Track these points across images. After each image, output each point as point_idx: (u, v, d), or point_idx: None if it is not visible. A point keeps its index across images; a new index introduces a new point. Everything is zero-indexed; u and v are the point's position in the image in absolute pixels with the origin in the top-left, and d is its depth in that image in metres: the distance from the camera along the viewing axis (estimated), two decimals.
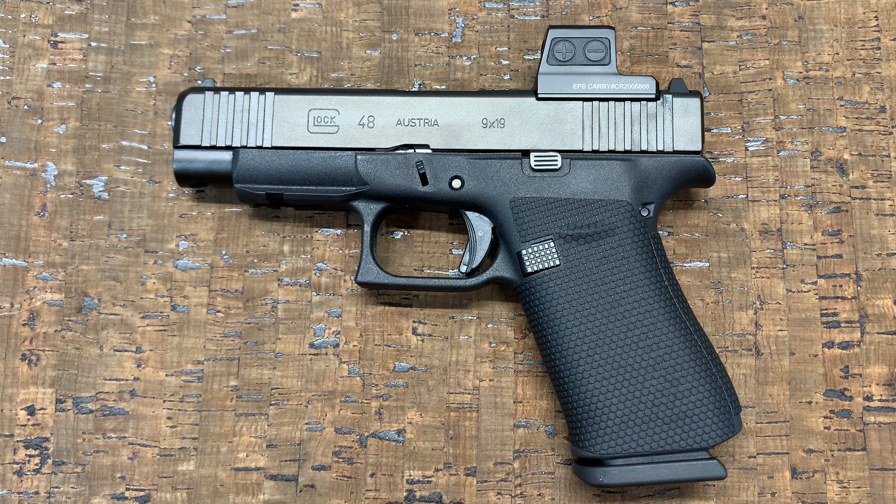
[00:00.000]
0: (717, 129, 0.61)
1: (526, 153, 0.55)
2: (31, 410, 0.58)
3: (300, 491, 0.57)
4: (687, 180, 0.55)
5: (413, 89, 0.62)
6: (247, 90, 0.57)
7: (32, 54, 0.62)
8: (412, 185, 0.55)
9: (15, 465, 0.58)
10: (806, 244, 0.59)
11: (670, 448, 0.51)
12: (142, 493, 0.57)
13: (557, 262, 0.53)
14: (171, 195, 0.61)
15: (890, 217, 0.60)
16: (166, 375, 0.59)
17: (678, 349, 0.52)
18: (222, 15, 0.63)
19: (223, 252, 0.60)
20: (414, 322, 0.59)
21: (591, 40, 0.56)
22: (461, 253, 0.60)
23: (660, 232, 0.59)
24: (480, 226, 0.56)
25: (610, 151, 0.55)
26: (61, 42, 0.63)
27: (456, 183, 0.55)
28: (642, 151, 0.55)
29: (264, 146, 0.56)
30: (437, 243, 0.60)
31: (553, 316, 0.53)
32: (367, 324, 0.59)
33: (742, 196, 0.60)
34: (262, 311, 0.59)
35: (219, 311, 0.59)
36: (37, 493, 0.57)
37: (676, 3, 0.63)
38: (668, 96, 0.55)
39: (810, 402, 0.58)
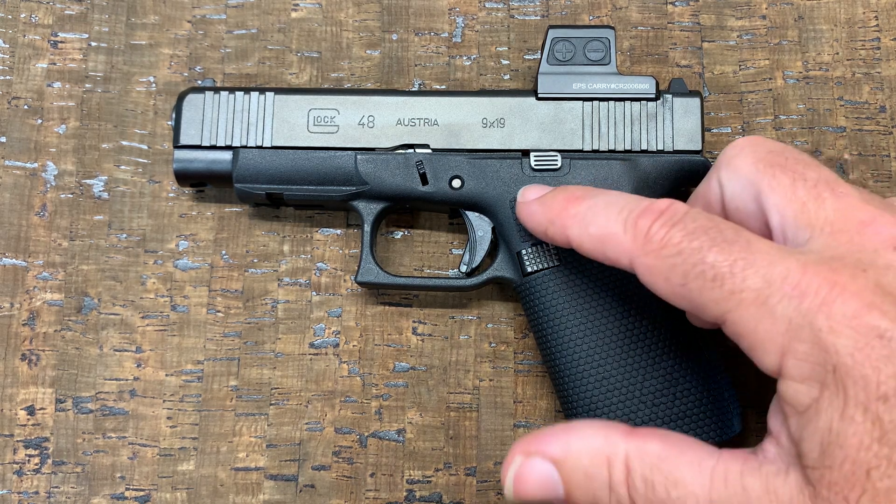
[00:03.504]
0: (718, 128, 0.61)
1: (526, 153, 0.55)
2: (31, 410, 0.58)
3: (300, 491, 0.57)
4: (687, 180, 0.55)
5: (413, 89, 0.62)
6: (247, 90, 0.57)
7: (32, 54, 0.62)
8: (412, 184, 0.55)
9: (15, 465, 0.58)
10: None
11: None
12: (142, 493, 0.57)
13: (557, 262, 0.53)
14: (171, 195, 0.61)
15: None
16: (166, 375, 0.59)
17: (678, 349, 0.52)
18: (222, 15, 0.63)
19: (223, 252, 0.60)
20: (414, 322, 0.59)
21: (591, 40, 0.56)
22: (461, 253, 0.60)
23: None
24: (480, 225, 0.56)
25: (610, 151, 0.55)
26: (61, 42, 0.63)
27: (456, 183, 0.55)
28: (642, 151, 0.55)
29: (264, 146, 0.56)
30: (437, 243, 0.60)
31: (553, 316, 0.53)
32: (367, 324, 0.59)
33: None
34: (262, 311, 0.59)
35: (219, 311, 0.59)
36: (37, 493, 0.57)
37: (676, 3, 0.63)
38: (668, 96, 0.55)
39: None
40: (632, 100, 0.55)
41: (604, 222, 0.44)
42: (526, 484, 0.43)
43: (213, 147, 0.56)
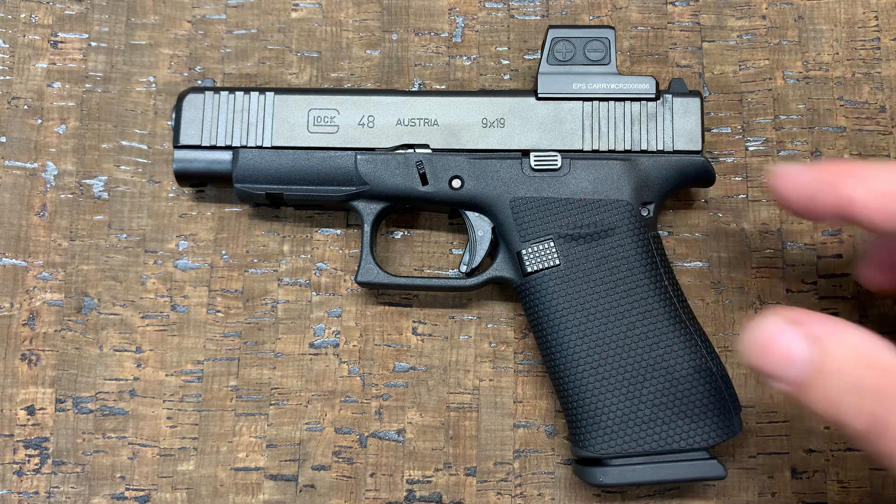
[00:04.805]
0: (717, 128, 0.61)
1: (526, 153, 0.55)
2: (30, 410, 0.58)
3: (300, 491, 0.57)
4: (687, 180, 0.55)
5: (413, 89, 0.62)
6: (247, 90, 0.57)
7: (32, 54, 0.62)
8: (412, 185, 0.55)
9: (15, 465, 0.58)
10: (806, 244, 0.59)
11: (670, 448, 0.51)
12: (142, 493, 0.57)
13: (557, 262, 0.53)
14: (171, 195, 0.61)
15: None
16: (166, 375, 0.59)
17: (678, 349, 0.52)
18: (222, 15, 0.63)
19: (223, 252, 0.60)
20: (414, 322, 0.59)
21: (591, 40, 0.56)
22: (461, 253, 0.60)
23: (660, 232, 0.59)
24: (480, 226, 0.56)
25: (610, 151, 0.55)
26: (61, 42, 0.63)
27: (456, 183, 0.55)
28: (642, 151, 0.55)
29: (264, 146, 0.56)
30: (437, 243, 0.60)
31: (553, 316, 0.53)
32: (367, 324, 0.59)
33: (742, 196, 0.60)
34: (262, 311, 0.59)
35: (219, 311, 0.59)
36: (36, 493, 0.57)
37: (676, 3, 0.63)
38: (668, 96, 0.55)
39: None
40: (632, 100, 0.55)
41: (894, 178, 0.39)
42: (771, 352, 0.37)
43: (213, 147, 0.56)
